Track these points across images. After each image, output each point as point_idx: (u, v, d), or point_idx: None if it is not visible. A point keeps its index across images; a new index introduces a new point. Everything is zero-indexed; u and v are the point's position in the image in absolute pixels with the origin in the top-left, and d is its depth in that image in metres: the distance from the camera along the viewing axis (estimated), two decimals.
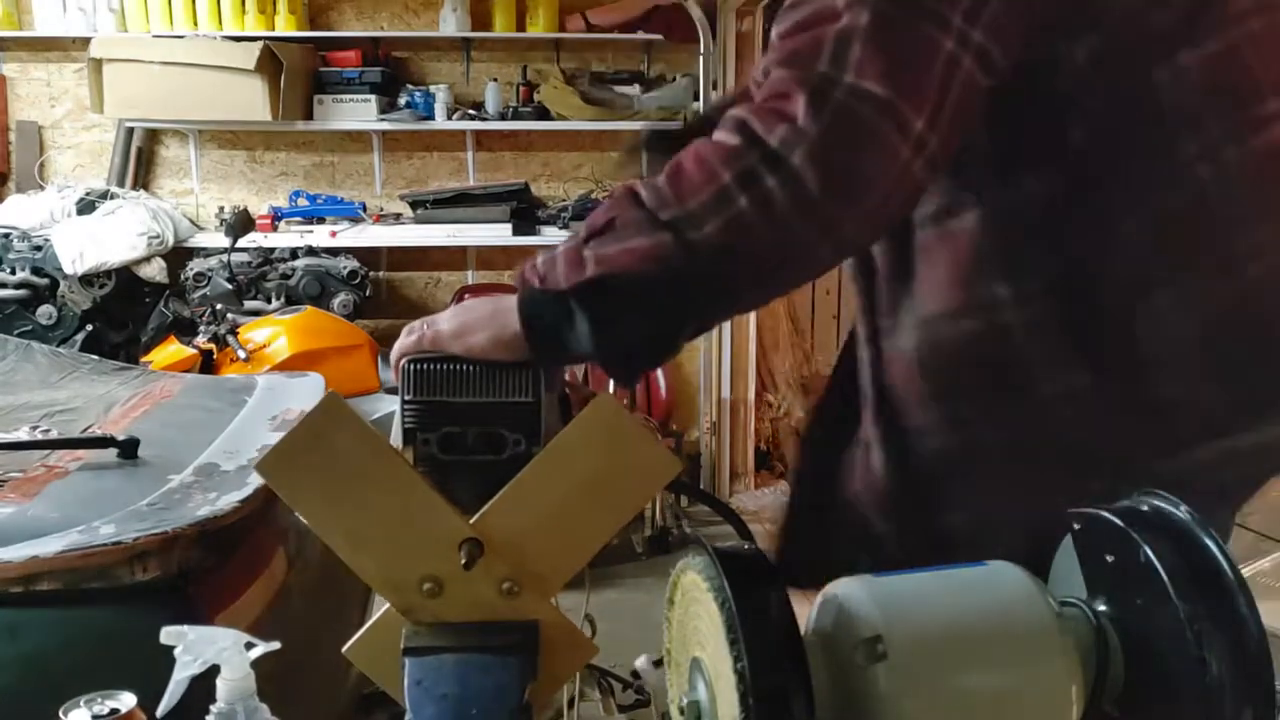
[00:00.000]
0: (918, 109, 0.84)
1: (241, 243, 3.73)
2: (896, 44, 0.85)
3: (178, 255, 3.92)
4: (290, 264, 3.82)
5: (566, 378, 1.06)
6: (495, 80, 4.09)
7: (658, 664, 0.80)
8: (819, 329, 4.47)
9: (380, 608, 0.91)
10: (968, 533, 1.00)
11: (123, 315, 3.80)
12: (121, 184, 4.04)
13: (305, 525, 0.90)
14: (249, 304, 3.75)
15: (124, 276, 3.72)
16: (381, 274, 4.25)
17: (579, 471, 0.86)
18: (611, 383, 3.51)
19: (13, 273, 3.62)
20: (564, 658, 0.90)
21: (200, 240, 4.02)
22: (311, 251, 3.89)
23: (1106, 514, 0.70)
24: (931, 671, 0.67)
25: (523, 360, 0.94)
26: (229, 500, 1.50)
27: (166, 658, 0.82)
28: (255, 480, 1.53)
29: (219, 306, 3.53)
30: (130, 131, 4.07)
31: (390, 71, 4.10)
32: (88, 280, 3.62)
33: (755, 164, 0.84)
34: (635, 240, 0.87)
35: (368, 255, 4.02)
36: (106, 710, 0.83)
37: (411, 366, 0.95)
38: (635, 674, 1.82)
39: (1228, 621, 0.62)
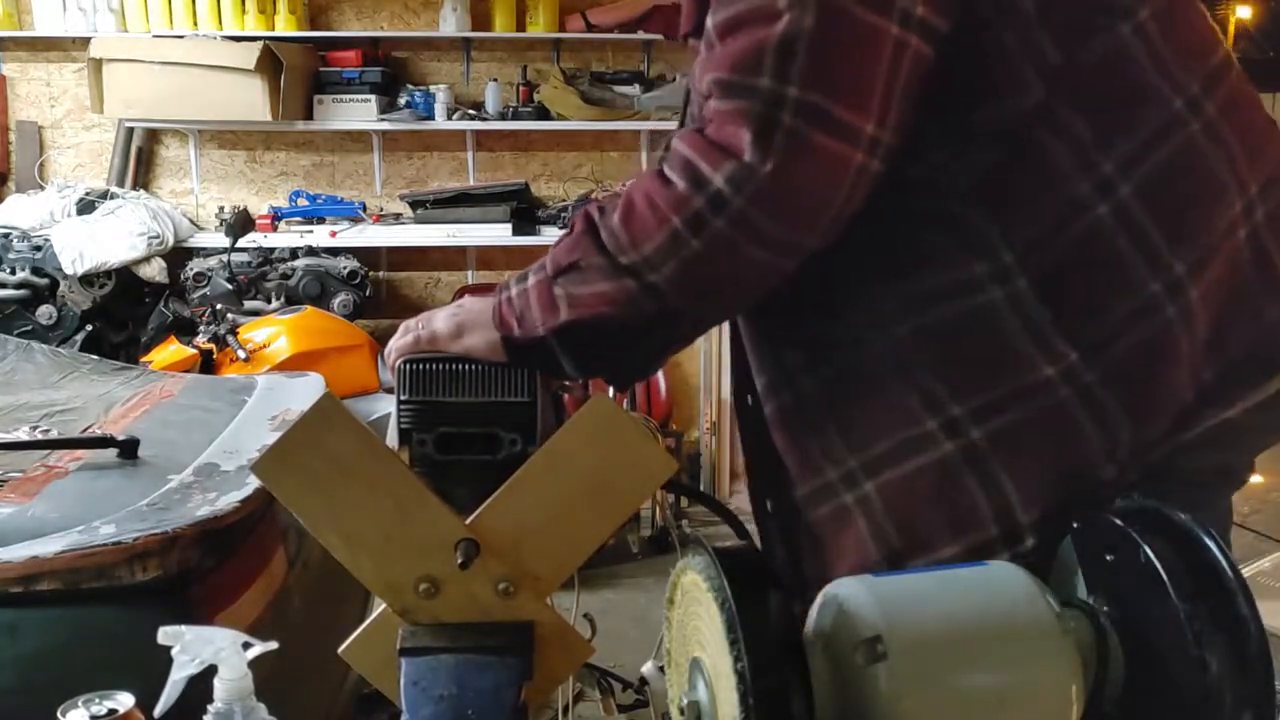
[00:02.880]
0: (867, 113, 0.82)
1: (241, 243, 3.73)
2: (841, 44, 0.82)
3: (178, 255, 3.92)
4: (290, 264, 3.82)
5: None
6: (495, 80, 4.09)
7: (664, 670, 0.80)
8: None
9: (378, 608, 0.91)
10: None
11: (123, 315, 3.80)
12: (121, 184, 4.04)
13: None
14: (249, 304, 3.75)
15: (124, 276, 3.72)
16: (381, 274, 4.25)
17: (575, 471, 0.86)
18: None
19: (13, 273, 3.62)
20: (560, 658, 0.90)
21: (200, 240, 4.02)
22: (311, 251, 3.89)
23: (1106, 514, 0.70)
24: (931, 671, 0.67)
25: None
26: (229, 500, 1.50)
27: (167, 658, 0.82)
28: (255, 480, 1.53)
29: (219, 306, 3.53)
30: (130, 131, 4.07)
31: (390, 71, 4.10)
32: (88, 280, 3.62)
33: (702, 208, 0.84)
34: (600, 285, 0.89)
35: (368, 255, 4.02)
36: (105, 710, 0.83)
37: (407, 367, 0.94)
38: (643, 680, 1.82)
39: (1228, 621, 0.62)
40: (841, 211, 0.85)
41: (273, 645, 0.84)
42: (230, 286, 3.72)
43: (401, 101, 4.05)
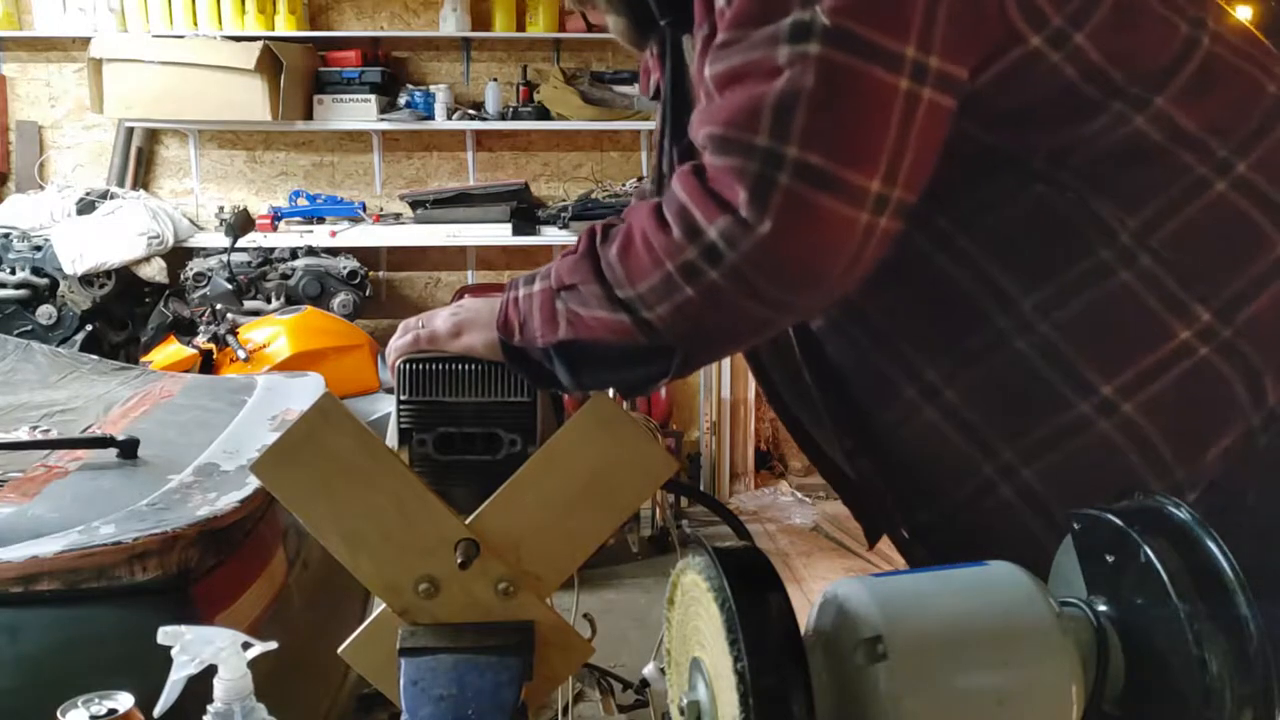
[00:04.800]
0: (872, 172, 0.80)
1: (241, 243, 3.73)
2: (844, 103, 0.80)
3: (178, 255, 3.92)
4: (290, 264, 3.82)
5: None
6: (495, 80, 4.09)
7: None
8: None
9: (378, 608, 0.91)
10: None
11: (123, 315, 3.80)
12: (121, 184, 4.04)
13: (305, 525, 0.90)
14: (249, 304, 3.75)
15: (124, 276, 3.72)
16: (381, 274, 4.25)
17: (575, 471, 0.86)
18: None
19: (13, 273, 3.62)
20: (560, 658, 0.90)
21: (200, 240, 4.02)
22: (311, 251, 3.89)
23: (1106, 514, 0.70)
24: (932, 671, 0.67)
25: None
26: (229, 500, 1.50)
27: (167, 658, 0.82)
28: (255, 480, 1.53)
29: (219, 306, 3.53)
30: (130, 131, 4.07)
31: (390, 71, 4.10)
32: (88, 280, 3.62)
33: (695, 259, 0.82)
34: (599, 312, 0.88)
35: (368, 255, 4.02)
36: (104, 710, 0.83)
37: (407, 367, 0.95)
38: (644, 681, 1.82)
39: (1228, 621, 0.62)
40: (851, 270, 0.83)
41: (272, 645, 0.84)
42: (230, 286, 3.72)
43: (401, 101, 4.05)
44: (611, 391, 0.98)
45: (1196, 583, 0.64)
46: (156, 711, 0.83)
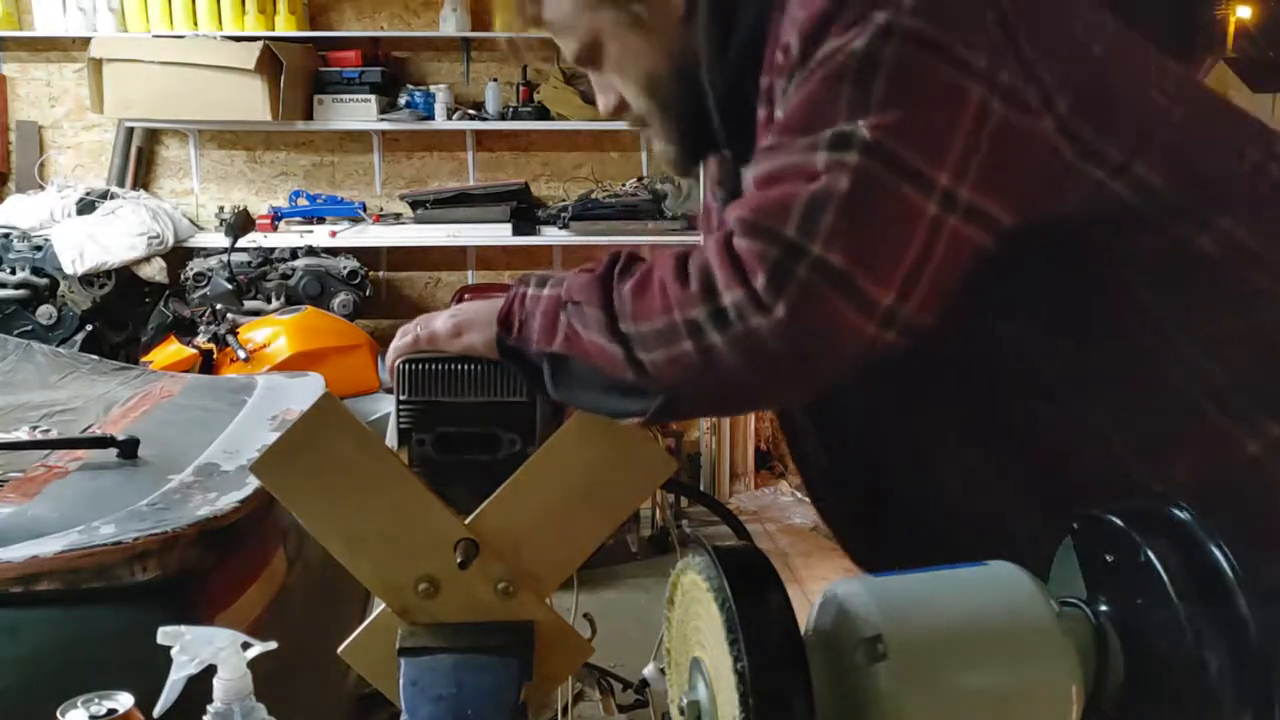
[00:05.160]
0: (886, 283, 0.81)
1: (241, 243, 3.73)
2: (872, 214, 0.81)
3: (178, 255, 3.93)
4: (290, 264, 3.82)
5: None
6: (495, 80, 4.09)
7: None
8: None
9: (378, 608, 0.91)
10: None
11: (123, 315, 3.80)
12: (121, 184, 4.04)
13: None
14: (249, 304, 3.75)
15: (124, 276, 3.72)
16: (381, 274, 4.25)
17: (574, 471, 0.87)
18: None
19: (13, 273, 3.62)
20: (560, 658, 0.90)
21: (200, 240, 4.02)
22: (311, 251, 3.89)
23: (1107, 514, 0.70)
24: (931, 671, 0.67)
25: None
26: (229, 500, 1.50)
27: (167, 658, 0.82)
28: (255, 480, 1.53)
29: (219, 306, 3.53)
30: (130, 131, 4.07)
31: (390, 71, 4.10)
32: (88, 280, 3.62)
33: (703, 318, 0.83)
34: (596, 337, 0.89)
35: (368, 255, 4.02)
36: (104, 710, 0.83)
37: (406, 367, 0.95)
38: (643, 682, 1.82)
39: (1228, 621, 0.62)
40: (839, 371, 0.85)
41: (272, 645, 0.84)
42: (230, 286, 3.73)
43: (401, 101, 4.05)
44: None
45: (1196, 583, 0.64)
46: (156, 711, 0.83)
